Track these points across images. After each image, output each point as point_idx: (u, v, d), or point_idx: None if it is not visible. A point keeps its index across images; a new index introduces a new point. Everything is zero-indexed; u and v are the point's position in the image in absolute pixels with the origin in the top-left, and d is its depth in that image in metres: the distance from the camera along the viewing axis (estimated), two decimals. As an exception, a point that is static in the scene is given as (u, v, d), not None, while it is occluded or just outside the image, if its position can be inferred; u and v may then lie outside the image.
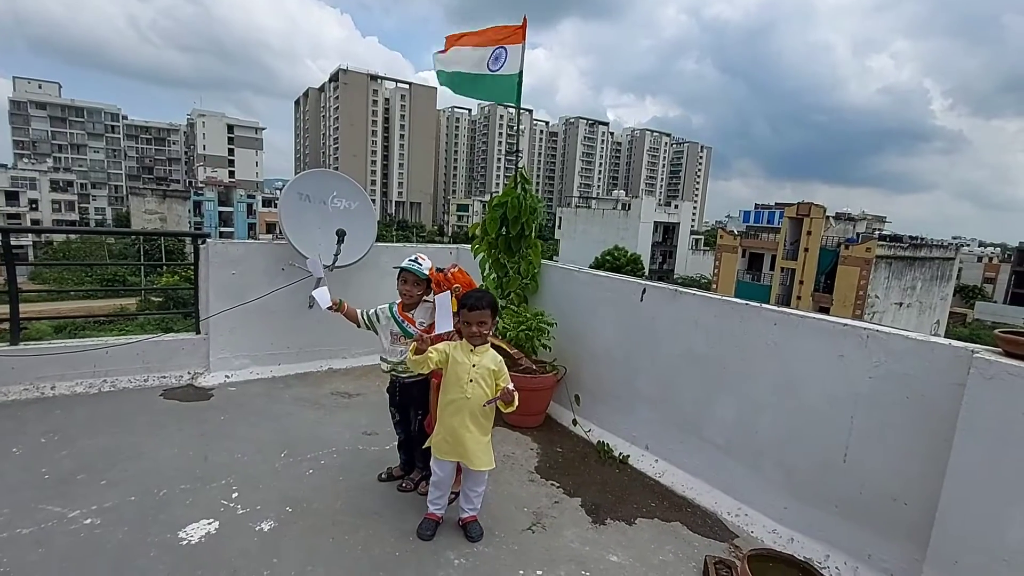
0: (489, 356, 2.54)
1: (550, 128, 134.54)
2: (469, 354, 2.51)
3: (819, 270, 32.76)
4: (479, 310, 2.48)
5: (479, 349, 2.52)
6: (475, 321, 2.48)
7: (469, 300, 2.50)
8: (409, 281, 2.88)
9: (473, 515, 2.65)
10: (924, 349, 2.26)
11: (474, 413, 2.48)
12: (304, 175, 4.54)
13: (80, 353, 4.02)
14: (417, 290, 2.89)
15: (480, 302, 2.49)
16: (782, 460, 2.80)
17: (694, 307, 3.25)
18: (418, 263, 2.87)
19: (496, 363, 2.54)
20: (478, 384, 2.48)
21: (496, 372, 2.52)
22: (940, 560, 2.11)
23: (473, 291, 2.62)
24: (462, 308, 2.51)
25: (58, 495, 2.70)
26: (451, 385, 2.52)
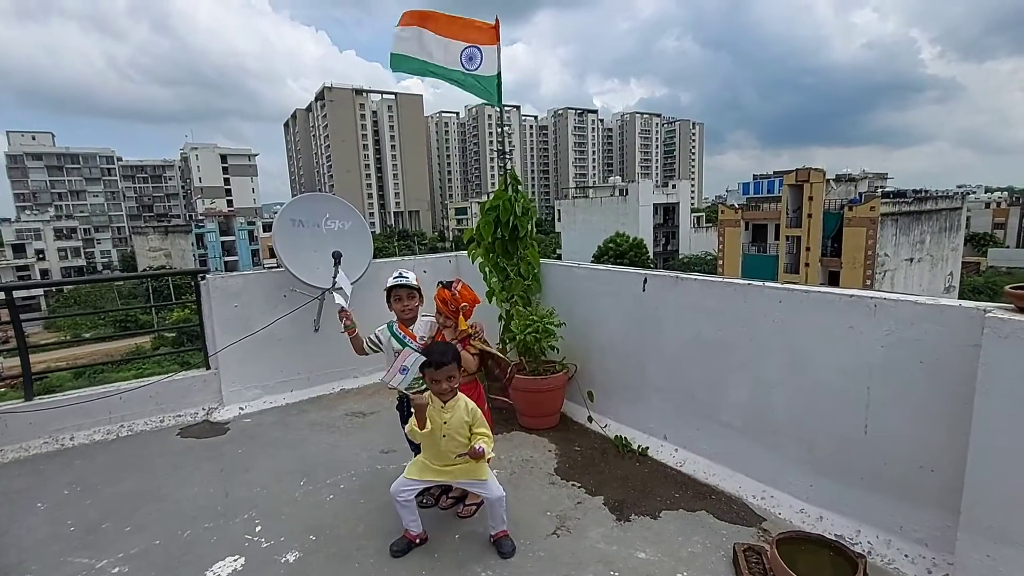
0: (460, 409, 2.49)
1: (539, 122, 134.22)
2: (440, 412, 2.46)
3: (825, 234, 32.40)
4: (446, 366, 2.42)
5: (449, 404, 2.47)
6: (443, 377, 2.43)
7: (433, 358, 2.43)
8: (403, 296, 2.87)
9: (503, 530, 2.61)
10: (934, 313, 2.22)
11: (451, 459, 2.49)
12: (295, 201, 4.54)
13: (95, 401, 4.04)
14: (413, 302, 2.88)
15: (444, 357, 2.43)
16: (802, 438, 2.76)
17: (696, 292, 3.22)
18: (405, 276, 2.87)
19: (469, 413, 2.49)
20: (452, 439, 2.46)
21: (470, 423, 2.48)
22: (974, 525, 2.06)
23: (433, 347, 2.54)
24: (427, 368, 2.43)
25: (85, 546, 2.72)
26: (426, 438, 2.50)
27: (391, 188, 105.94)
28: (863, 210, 29.73)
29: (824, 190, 32.37)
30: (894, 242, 29.09)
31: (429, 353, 2.47)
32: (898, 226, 29.17)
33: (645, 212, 51.91)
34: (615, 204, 53.22)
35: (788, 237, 34.74)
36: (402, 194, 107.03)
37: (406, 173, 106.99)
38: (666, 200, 55.37)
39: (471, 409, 2.50)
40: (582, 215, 55.55)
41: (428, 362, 2.43)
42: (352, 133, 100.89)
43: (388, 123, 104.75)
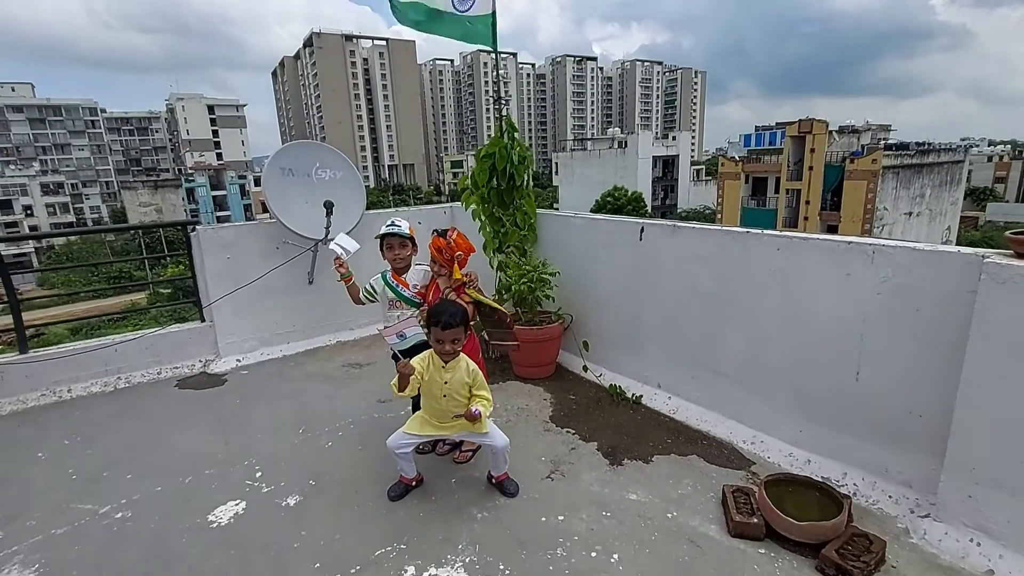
0: (461, 370, 2.47)
1: (537, 70, 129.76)
2: (441, 371, 2.44)
3: (825, 188, 32.06)
4: (453, 328, 2.37)
5: (451, 365, 2.45)
6: (448, 339, 2.39)
7: (441, 318, 2.37)
8: (395, 245, 2.83)
9: (504, 472, 2.66)
10: (932, 259, 2.19)
11: (448, 418, 2.50)
12: (284, 148, 4.41)
13: (89, 353, 4.04)
14: (405, 251, 2.84)
15: (453, 319, 2.38)
16: (794, 385, 2.79)
17: (694, 241, 3.17)
18: (396, 225, 2.82)
19: (470, 373, 2.47)
20: (452, 399, 2.47)
21: (470, 383, 2.47)
22: (958, 467, 2.11)
23: (443, 307, 2.46)
24: (434, 327, 2.38)
25: (88, 493, 2.77)
26: (427, 395, 2.51)
27: (384, 140, 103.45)
28: (865, 163, 29.32)
29: (827, 142, 31.79)
30: (894, 196, 28.86)
31: (439, 313, 2.40)
32: (899, 179, 28.86)
33: (644, 165, 51.05)
34: (614, 157, 52.24)
35: (788, 190, 34.39)
36: (396, 147, 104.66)
37: (400, 124, 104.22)
38: (666, 152, 54.33)
39: (472, 370, 2.48)
40: (580, 168, 54.63)
41: (436, 322, 2.38)
42: (343, 82, 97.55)
43: (380, 71, 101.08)
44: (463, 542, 2.32)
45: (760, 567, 2.12)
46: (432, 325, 2.39)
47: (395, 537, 2.36)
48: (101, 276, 35.46)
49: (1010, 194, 61.31)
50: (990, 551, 2.03)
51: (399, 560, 2.23)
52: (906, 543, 2.21)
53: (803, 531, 2.14)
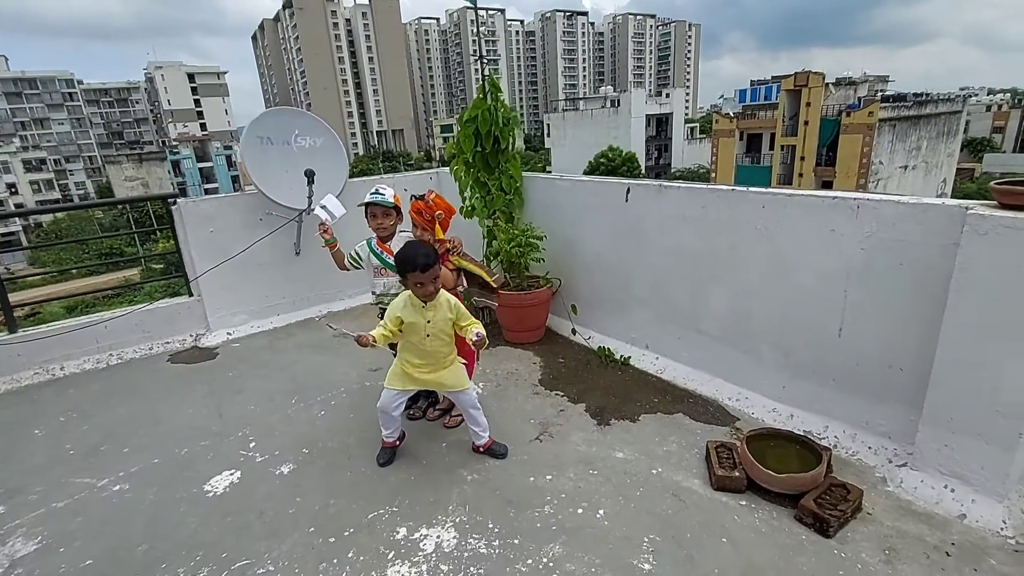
0: (443, 306, 2.45)
1: (526, 27, 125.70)
2: (422, 311, 2.42)
3: (820, 143, 31.60)
4: (431, 268, 2.34)
5: (431, 304, 2.43)
6: (430, 280, 2.35)
7: (419, 260, 2.32)
8: (378, 214, 2.80)
9: (488, 438, 2.71)
10: (917, 212, 2.17)
11: (435, 357, 2.50)
12: (261, 116, 4.29)
13: (80, 331, 4.03)
14: (388, 220, 2.81)
15: (429, 259, 2.34)
16: (779, 342, 2.82)
17: (680, 200, 3.14)
18: (380, 193, 2.78)
19: (452, 309, 2.46)
20: (436, 338, 2.46)
21: (453, 318, 2.46)
22: (935, 418, 2.16)
23: (415, 249, 2.40)
24: (413, 270, 2.32)
25: (86, 467, 2.81)
26: (410, 337, 2.49)
27: (372, 106, 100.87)
28: (861, 116, 28.84)
29: (823, 95, 31.18)
30: (889, 149, 28.52)
31: (414, 256, 2.34)
32: (895, 132, 28.47)
33: (638, 124, 50.07)
34: (606, 117, 51.19)
35: (783, 147, 33.91)
36: (384, 112, 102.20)
37: (387, 89, 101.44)
38: (659, 111, 53.23)
39: (453, 304, 2.48)
40: (572, 130, 53.59)
41: (414, 266, 2.33)
42: (326, 45, 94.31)
43: (363, 32, 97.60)
44: (453, 503, 2.38)
45: (740, 518, 2.19)
46: (410, 271, 2.33)
47: (387, 500, 2.42)
48: (92, 253, 35.12)
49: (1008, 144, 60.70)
50: (963, 496, 2.10)
51: (391, 522, 2.29)
52: (883, 491, 2.28)
53: (782, 483, 2.20)
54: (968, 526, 2.04)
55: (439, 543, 2.16)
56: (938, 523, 2.08)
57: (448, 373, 2.58)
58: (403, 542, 2.18)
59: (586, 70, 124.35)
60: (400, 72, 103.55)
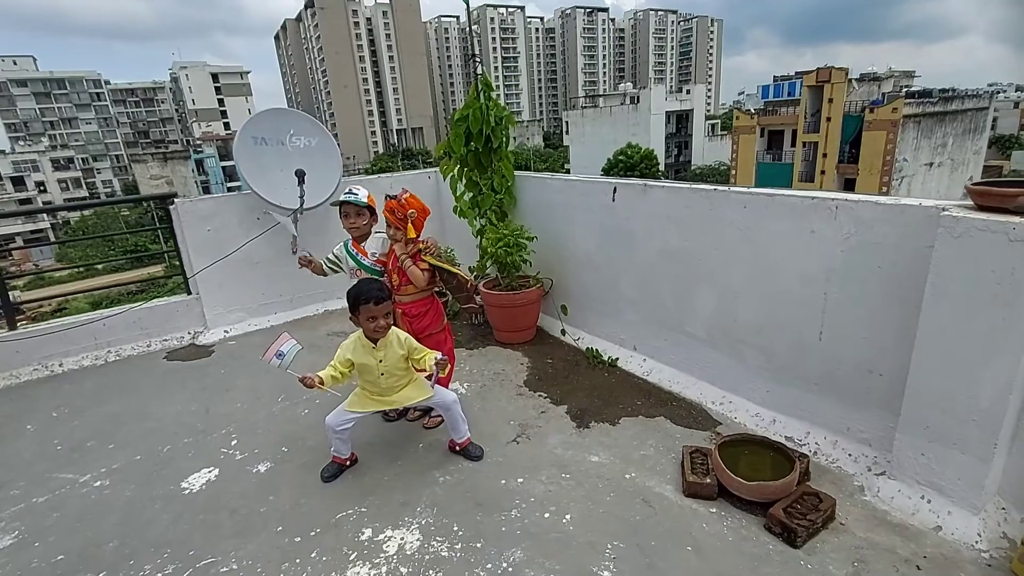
0: (393, 344, 2.43)
1: (545, 24, 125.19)
2: (372, 352, 2.40)
3: (843, 139, 30.84)
4: (384, 301, 2.32)
5: (381, 343, 2.40)
6: (381, 314, 2.33)
7: (372, 294, 2.29)
8: (350, 213, 2.81)
9: (466, 438, 2.69)
10: (894, 214, 2.09)
11: (394, 388, 2.50)
12: (255, 117, 4.33)
13: (78, 328, 4.13)
14: (361, 220, 2.82)
15: (383, 292, 2.32)
16: (762, 345, 2.75)
17: (664, 200, 3.09)
18: (354, 193, 2.79)
19: (403, 345, 2.44)
20: (391, 374, 2.45)
21: (405, 354, 2.44)
22: (910, 426, 2.08)
23: (366, 284, 2.39)
24: (366, 303, 2.29)
25: (70, 463, 2.88)
26: (364, 377, 2.48)
27: (391, 104, 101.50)
28: (885, 112, 28.06)
29: (846, 91, 30.42)
30: (914, 146, 27.71)
31: (367, 291, 2.32)
32: (920, 129, 27.64)
33: (657, 121, 49.50)
34: (626, 113, 50.70)
35: (805, 143, 33.18)
36: (403, 110, 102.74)
37: (406, 87, 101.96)
38: (680, 107, 52.54)
39: (403, 340, 2.46)
40: (591, 127, 53.22)
41: (367, 299, 2.30)
42: (346, 44, 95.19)
43: (384, 31, 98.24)
44: (422, 504, 2.38)
45: (709, 526, 2.14)
46: (363, 304, 2.31)
47: (357, 500, 2.43)
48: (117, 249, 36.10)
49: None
50: (940, 508, 2.02)
51: (358, 522, 2.29)
52: (859, 500, 2.20)
53: (752, 490, 2.15)
54: (943, 538, 1.96)
55: (402, 545, 2.16)
56: (912, 534, 2.00)
57: (410, 388, 2.55)
58: (367, 543, 2.18)
59: (606, 67, 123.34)
60: (420, 70, 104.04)
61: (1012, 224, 1.70)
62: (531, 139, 77.37)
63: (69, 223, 51.93)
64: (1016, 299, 1.72)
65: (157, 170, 58.31)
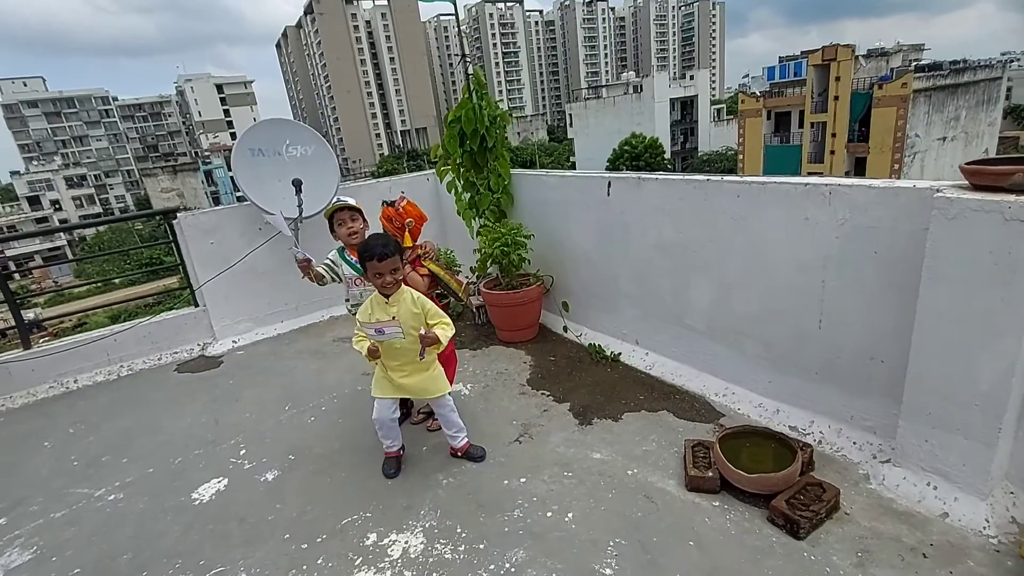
0: (407, 300, 2.43)
1: (545, 17, 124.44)
2: (385, 308, 2.40)
3: (852, 118, 30.28)
4: (389, 258, 2.32)
5: (393, 299, 2.41)
6: (387, 270, 2.34)
7: (375, 251, 2.30)
8: (346, 219, 2.79)
9: (466, 441, 2.71)
10: (888, 196, 2.06)
11: (410, 356, 2.47)
12: (251, 129, 4.37)
13: (90, 345, 4.22)
14: (357, 224, 2.80)
15: (387, 249, 2.32)
16: (761, 335, 2.73)
17: (658, 193, 3.06)
18: (343, 199, 2.79)
19: (417, 303, 2.44)
20: (406, 333, 2.42)
21: (419, 314, 2.43)
22: (913, 413, 2.05)
23: (374, 240, 2.39)
24: (370, 260, 2.31)
25: (86, 478, 2.94)
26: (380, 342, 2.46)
27: (395, 105, 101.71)
28: (894, 88, 27.51)
29: (853, 68, 29.85)
30: (926, 121, 27.14)
31: (371, 247, 2.34)
32: (931, 103, 27.05)
33: (661, 109, 49.03)
34: (629, 103, 50.30)
35: (813, 124, 32.65)
36: (407, 111, 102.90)
37: (409, 88, 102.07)
38: (684, 94, 52.00)
39: (418, 299, 2.44)
40: (595, 118, 52.88)
41: (370, 255, 2.32)
42: (347, 48, 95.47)
43: (384, 32, 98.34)
44: (426, 508, 2.40)
45: (711, 520, 2.13)
46: (367, 260, 2.34)
47: (362, 506, 2.45)
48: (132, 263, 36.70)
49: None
50: (946, 495, 1.99)
51: (363, 528, 2.32)
52: (864, 489, 2.18)
53: (753, 483, 2.13)
54: (949, 525, 1.94)
55: (406, 548, 2.18)
56: (918, 522, 1.98)
57: (428, 378, 2.55)
58: (372, 548, 2.20)
59: (608, 56, 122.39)
60: (421, 70, 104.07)
61: (1007, 203, 1.67)
62: (535, 134, 77.13)
63: (85, 239, 52.91)
64: (1014, 279, 1.69)
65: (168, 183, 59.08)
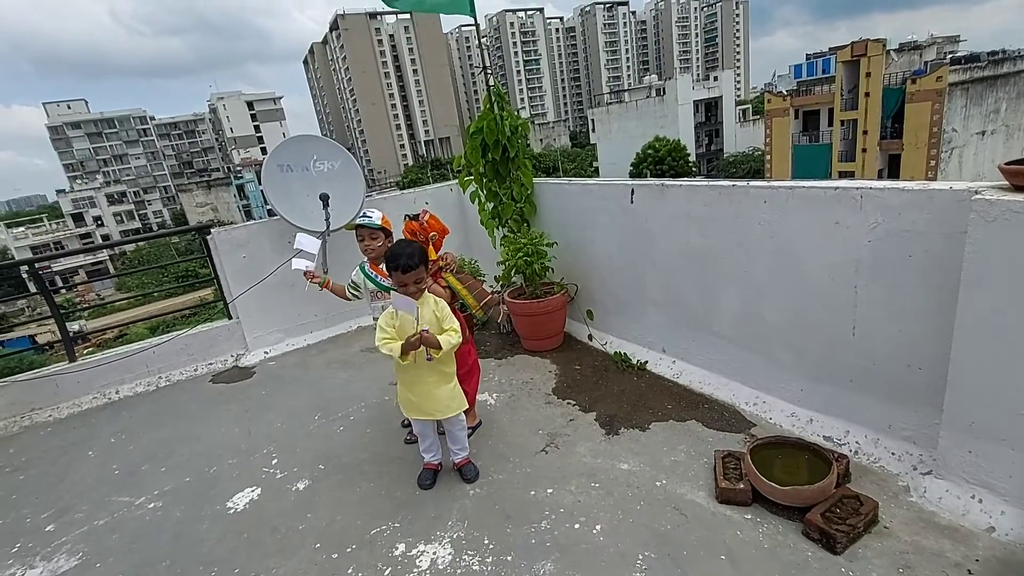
0: (429, 304, 2.46)
1: (565, 24, 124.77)
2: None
3: (884, 114, 29.38)
4: (413, 270, 2.36)
5: (418, 301, 2.41)
6: (411, 281, 2.38)
7: (400, 261, 2.34)
8: (365, 236, 2.84)
9: (464, 457, 2.70)
10: (922, 199, 1.99)
11: (429, 365, 2.46)
12: (280, 146, 4.50)
13: (131, 357, 4.38)
14: (376, 242, 2.84)
15: (412, 260, 2.36)
16: (792, 342, 2.66)
17: (683, 199, 3.03)
18: (368, 216, 2.83)
19: (438, 309, 2.46)
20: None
21: (440, 318, 2.45)
22: (955, 422, 1.97)
23: (399, 249, 2.42)
24: (395, 270, 2.36)
25: (127, 486, 3.05)
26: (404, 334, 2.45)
27: (418, 116, 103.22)
28: (928, 82, 26.61)
29: (884, 63, 29.01)
30: (963, 115, 26.16)
31: (396, 256, 2.38)
32: (968, 96, 26.07)
33: (685, 111, 48.47)
34: (652, 106, 49.91)
35: (843, 122, 31.80)
36: (430, 121, 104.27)
37: (432, 98, 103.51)
38: (707, 95, 51.33)
39: (439, 305, 2.48)
40: (617, 123, 52.63)
41: (395, 266, 2.36)
42: (371, 61, 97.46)
43: (407, 45, 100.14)
44: (453, 518, 2.41)
45: (743, 533, 2.08)
46: (392, 270, 2.38)
47: (391, 516, 2.48)
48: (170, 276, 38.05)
49: (1110, 96, 54.01)
50: (992, 508, 1.91)
51: (392, 538, 2.34)
52: (904, 502, 2.10)
53: (787, 495, 2.08)
54: (996, 540, 1.85)
55: (434, 560, 2.19)
56: (962, 537, 1.89)
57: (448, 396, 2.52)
58: (400, 558, 2.22)
59: (629, 60, 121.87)
60: (444, 81, 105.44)
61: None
62: (558, 139, 77.13)
63: (125, 254, 55.09)
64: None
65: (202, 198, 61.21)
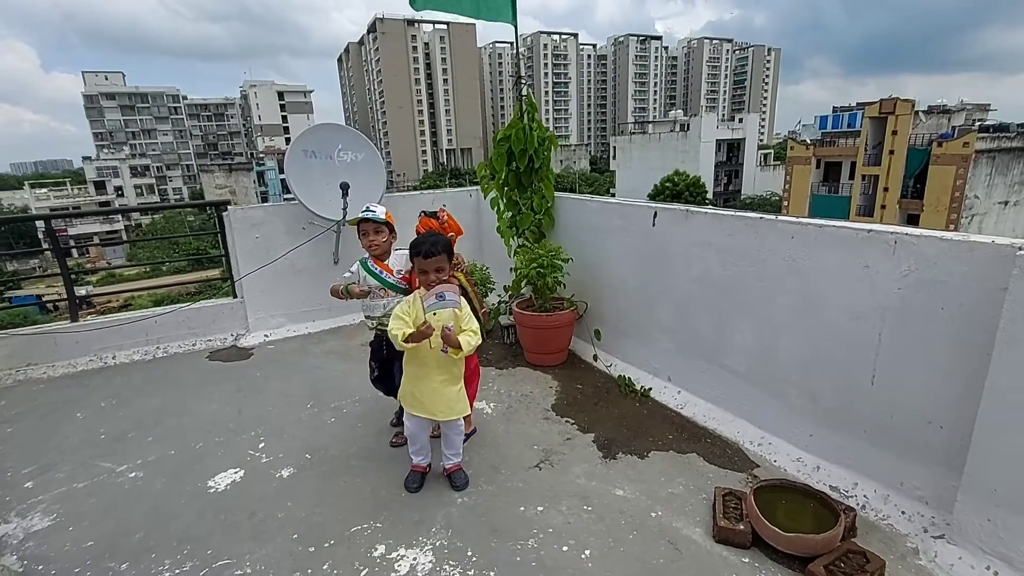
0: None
1: (598, 51, 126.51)
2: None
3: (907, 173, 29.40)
4: (435, 256, 2.33)
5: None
6: (432, 268, 2.35)
7: (423, 247, 2.34)
8: (369, 231, 2.73)
9: (456, 463, 2.61)
10: (961, 251, 1.93)
11: (439, 362, 2.39)
12: (307, 131, 4.51)
13: (132, 324, 4.35)
14: (380, 237, 2.74)
15: (435, 247, 2.34)
16: (806, 385, 2.58)
17: (706, 227, 2.98)
18: (371, 211, 2.74)
19: (459, 308, 2.38)
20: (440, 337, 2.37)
21: (459, 315, 2.37)
22: (977, 487, 1.88)
23: (426, 236, 2.43)
24: (417, 255, 2.36)
25: (111, 452, 2.99)
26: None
27: (443, 124, 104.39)
28: (954, 146, 26.61)
29: (911, 123, 29.10)
30: (987, 183, 26.09)
31: (420, 243, 2.37)
32: (994, 164, 26.02)
33: (707, 149, 48.78)
34: (674, 140, 50.29)
35: (864, 176, 31.85)
36: (454, 131, 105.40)
37: (458, 109, 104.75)
38: (731, 136, 51.66)
39: (461, 303, 2.39)
40: (639, 152, 53.02)
41: (418, 252, 2.35)
42: (404, 67, 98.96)
43: (440, 55, 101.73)
44: (437, 525, 2.32)
45: (740, 576, 1.98)
46: (414, 256, 2.38)
47: (372, 515, 2.39)
48: (180, 252, 38.30)
49: None
50: (1007, 582, 1.80)
51: (372, 537, 2.26)
52: (912, 564, 2.00)
53: (790, 542, 1.98)
54: (1010, 619, 1.75)
55: (414, 566, 2.10)
56: (973, 611, 1.79)
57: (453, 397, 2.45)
58: (379, 560, 2.14)
59: (657, 93, 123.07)
60: (472, 94, 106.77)
61: (1099, 268, 1.53)
62: (578, 163, 77.59)
63: (140, 225, 55.59)
64: (1103, 352, 1.54)
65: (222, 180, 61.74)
